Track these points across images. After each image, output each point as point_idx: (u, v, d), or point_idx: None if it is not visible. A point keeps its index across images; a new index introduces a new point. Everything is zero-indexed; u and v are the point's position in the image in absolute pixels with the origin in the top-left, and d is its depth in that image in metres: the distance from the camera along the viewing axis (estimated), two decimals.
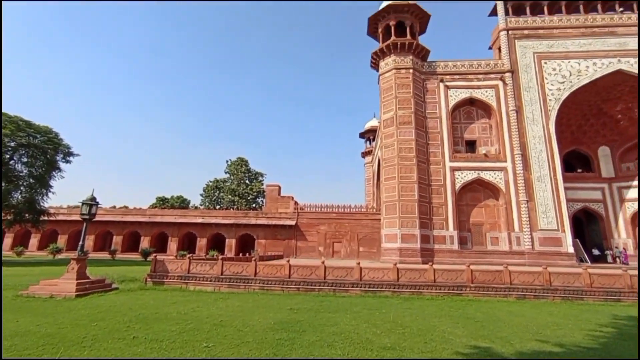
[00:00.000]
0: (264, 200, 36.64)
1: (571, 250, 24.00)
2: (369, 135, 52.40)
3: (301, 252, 30.56)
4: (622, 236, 28.97)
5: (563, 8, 28.71)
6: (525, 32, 28.24)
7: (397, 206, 24.70)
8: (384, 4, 29.69)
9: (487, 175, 25.79)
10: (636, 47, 26.66)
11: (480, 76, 27.70)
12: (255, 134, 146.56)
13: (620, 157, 30.71)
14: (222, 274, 14.68)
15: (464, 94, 27.53)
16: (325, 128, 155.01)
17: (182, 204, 57.49)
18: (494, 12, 30.01)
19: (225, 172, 55.82)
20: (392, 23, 28.55)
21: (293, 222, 31.11)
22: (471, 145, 27.69)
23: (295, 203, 32.76)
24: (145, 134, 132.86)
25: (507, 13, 28.93)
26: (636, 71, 26.28)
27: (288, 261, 15.46)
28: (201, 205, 55.27)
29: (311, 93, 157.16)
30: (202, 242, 32.60)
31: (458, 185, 25.71)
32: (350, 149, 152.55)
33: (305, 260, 25.69)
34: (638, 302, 12.87)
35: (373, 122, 50.97)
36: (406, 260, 22.84)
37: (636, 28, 27.21)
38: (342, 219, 31.05)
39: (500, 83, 27.26)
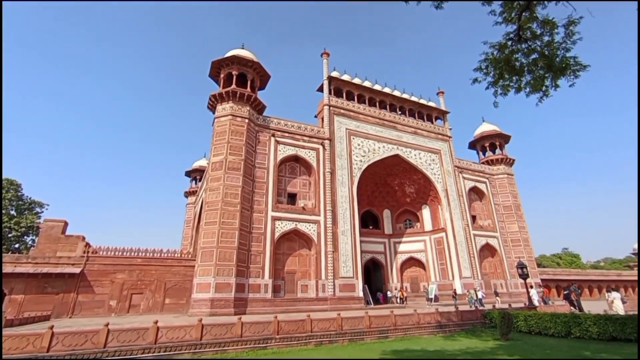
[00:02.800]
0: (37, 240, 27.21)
1: (361, 294, 28.41)
2: (196, 174, 49.38)
3: (82, 310, 23.43)
4: (394, 281, 36.95)
5: (367, 100, 37.46)
6: (342, 111, 34.77)
7: (214, 253, 23.15)
8: (230, 53, 30.57)
9: (303, 227, 28.17)
10: (408, 141, 37.19)
11: (305, 138, 31.49)
12: (51, 155, 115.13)
13: (396, 219, 40.47)
14: None
15: (290, 151, 30.35)
16: (152, 160, 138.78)
17: None
18: (320, 89, 35.86)
19: None
20: (234, 72, 29.37)
21: (78, 270, 23.99)
22: (292, 198, 30.11)
23: (87, 245, 25.67)
24: None
25: (330, 92, 35.08)
26: (407, 158, 36.31)
27: (51, 327, 11.23)
28: None
29: (141, 118, 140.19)
30: None
31: (277, 234, 26.84)
32: (175, 186, 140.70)
33: (83, 321, 19.87)
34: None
35: (202, 162, 48.68)
36: (218, 312, 21.21)
37: (409, 128, 38.20)
38: (148, 265, 26.33)
39: (320, 147, 31.69)
